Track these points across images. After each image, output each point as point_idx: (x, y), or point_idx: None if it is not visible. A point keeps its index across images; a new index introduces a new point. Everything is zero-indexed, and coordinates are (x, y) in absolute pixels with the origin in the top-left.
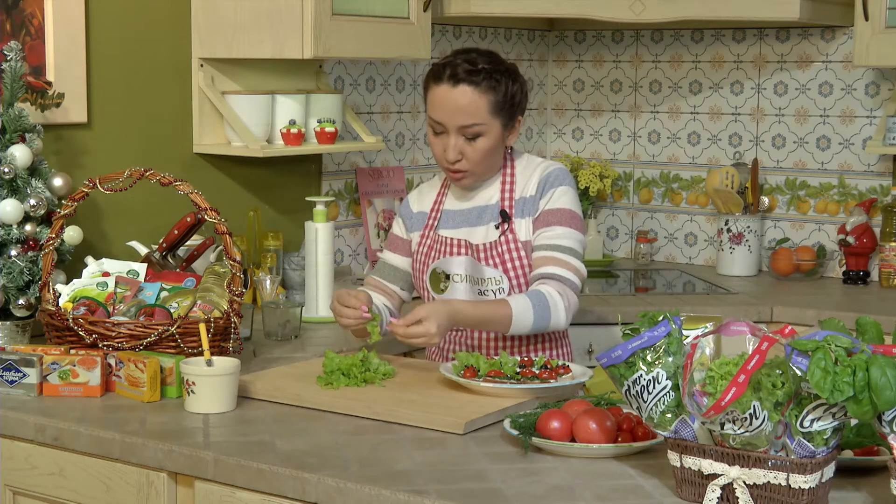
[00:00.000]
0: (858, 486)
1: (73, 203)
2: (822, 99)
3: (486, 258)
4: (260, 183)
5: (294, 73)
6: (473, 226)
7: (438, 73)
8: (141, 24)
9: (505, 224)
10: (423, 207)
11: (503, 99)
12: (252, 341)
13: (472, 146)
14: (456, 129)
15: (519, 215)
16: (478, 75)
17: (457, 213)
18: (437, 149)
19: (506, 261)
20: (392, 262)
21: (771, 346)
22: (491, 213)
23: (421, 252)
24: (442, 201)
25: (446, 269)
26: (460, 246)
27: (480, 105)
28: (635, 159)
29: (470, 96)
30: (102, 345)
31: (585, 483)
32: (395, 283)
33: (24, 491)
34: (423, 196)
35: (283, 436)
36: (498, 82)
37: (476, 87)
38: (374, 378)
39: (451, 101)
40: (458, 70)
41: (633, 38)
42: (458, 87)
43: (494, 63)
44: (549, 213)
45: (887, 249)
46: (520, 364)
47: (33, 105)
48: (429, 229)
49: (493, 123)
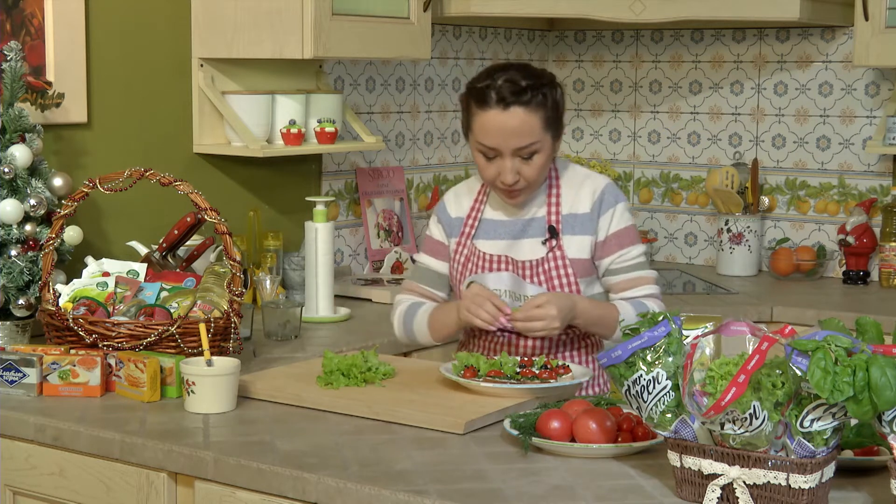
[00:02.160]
0: (858, 486)
1: (73, 203)
2: (822, 99)
3: (532, 275)
4: (260, 183)
5: (294, 73)
6: (517, 239)
7: (483, 98)
8: (141, 24)
9: (553, 240)
10: (461, 212)
11: (553, 112)
12: (252, 341)
13: (529, 165)
14: (511, 151)
15: (569, 232)
16: (525, 94)
17: (498, 224)
18: (490, 172)
19: (552, 278)
20: (434, 267)
21: (771, 346)
22: (537, 226)
23: (458, 262)
24: (481, 209)
25: (484, 283)
26: (500, 262)
27: (534, 124)
28: (635, 159)
29: (522, 117)
30: (102, 345)
31: (585, 483)
32: (440, 289)
33: (24, 491)
34: (460, 201)
35: (283, 436)
36: (545, 96)
37: (526, 106)
38: (374, 378)
39: (503, 125)
40: (504, 92)
41: (633, 38)
42: (509, 109)
43: (534, 77)
44: (619, 236)
45: (887, 249)
46: (520, 364)
47: (33, 105)
48: (465, 238)
49: (545, 138)
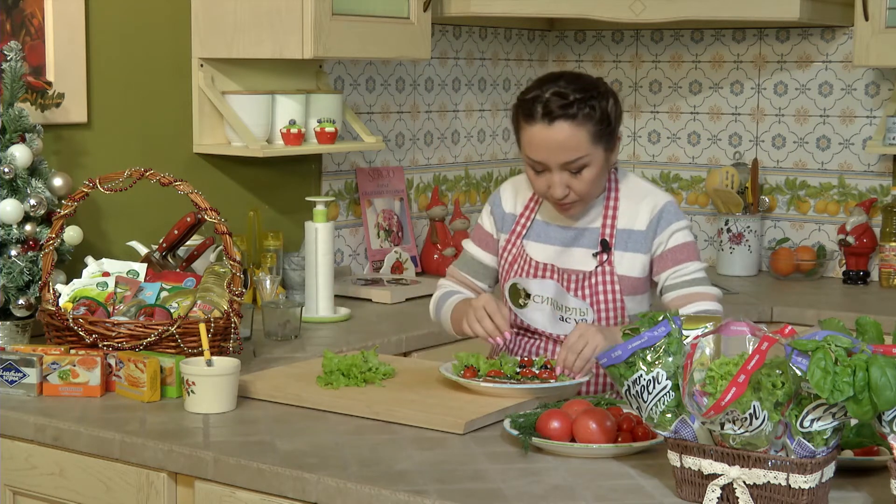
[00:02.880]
0: (858, 486)
1: (73, 203)
2: (822, 99)
3: (577, 287)
4: (260, 183)
5: (294, 73)
6: (568, 246)
7: (530, 111)
8: (141, 24)
9: (604, 255)
10: (515, 209)
11: (601, 125)
12: (252, 341)
13: (579, 179)
14: (559, 166)
15: (621, 247)
16: (572, 107)
17: (551, 229)
18: (541, 185)
19: (598, 293)
20: (480, 258)
21: (771, 346)
22: (590, 237)
23: (505, 259)
24: (536, 210)
25: (528, 287)
26: (546, 270)
27: (581, 138)
28: (635, 159)
29: (568, 131)
30: (102, 345)
31: (585, 483)
32: (483, 280)
33: (24, 491)
34: (518, 196)
35: (283, 436)
36: (593, 109)
37: (573, 120)
38: (374, 378)
39: (549, 139)
40: (552, 106)
41: (633, 38)
42: (555, 124)
43: (584, 88)
44: (676, 252)
45: (887, 249)
46: (520, 364)
47: (33, 105)
48: (516, 236)
49: (595, 152)
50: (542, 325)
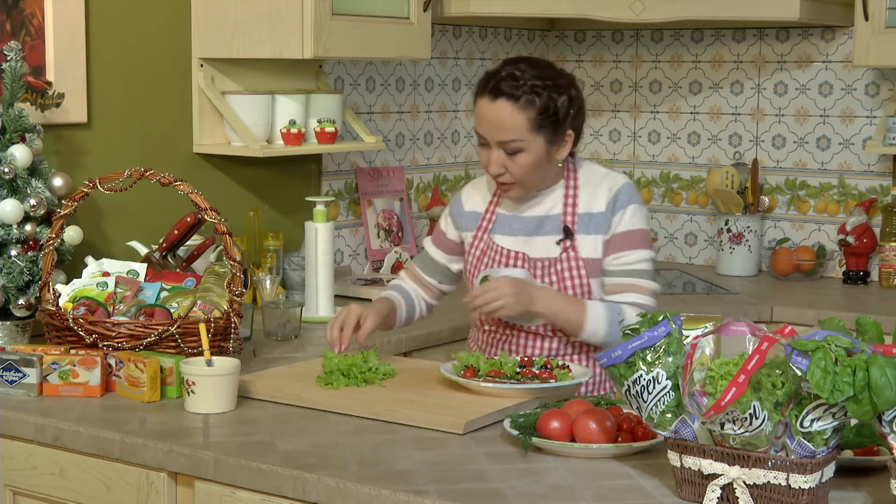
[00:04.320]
0: (858, 486)
1: (73, 203)
2: (822, 99)
3: (544, 274)
4: (260, 183)
5: (294, 73)
6: (532, 235)
7: (482, 84)
8: (141, 24)
9: (567, 241)
10: (477, 207)
11: (544, 115)
12: (252, 341)
13: (514, 161)
14: (496, 143)
15: (583, 231)
16: (518, 89)
17: (514, 220)
18: (483, 160)
19: (564, 278)
20: (433, 255)
21: (771, 346)
22: (552, 224)
23: (473, 255)
24: (498, 203)
25: (499, 276)
26: (517, 258)
27: (519, 121)
28: (635, 159)
29: (508, 112)
30: (102, 345)
31: (585, 483)
32: (432, 276)
33: (24, 491)
34: (477, 194)
35: (283, 436)
36: (539, 97)
37: (514, 102)
38: (374, 378)
39: (490, 115)
40: (500, 83)
41: (633, 38)
42: (497, 101)
43: (541, 75)
44: (623, 237)
45: (887, 249)
46: (520, 364)
47: (33, 105)
48: (482, 232)
49: (533, 140)
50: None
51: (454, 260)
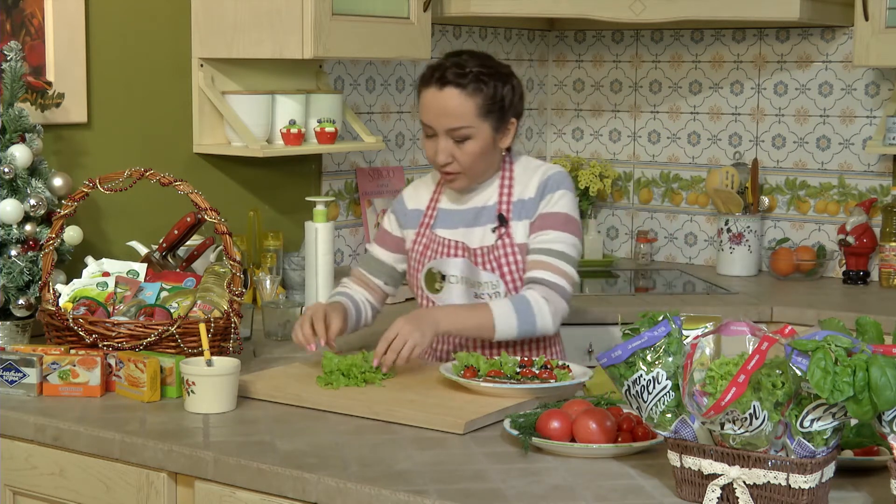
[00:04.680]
0: (858, 486)
1: (73, 203)
2: (822, 99)
3: (483, 262)
4: (260, 183)
5: (294, 73)
6: (470, 227)
7: (427, 76)
8: (141, 24)
9: (502, 228)
10: (419, 205)
11: (491, 101)
12: (252, 341)
13: (461, 149)
14: (444, 131)
15: (517, 217)
16: (465, 78)
17: (454, 213)
18: (429, 151)
19: (502, 265)
20: (378, 255)
21: (771, 346)
22: (488, 214)
23: (416, 251)
24: (438, 199)
25: (442, 269)
26: (457, 248)
27: (467, 108)
28: (635, 159)
29: (457, 99)
30: (102, 345)
31: (585, 483)
32: (378, 277)
33: (24, 491)
34: (418, 193)
35: (283, 436)
36: (485, 84)
37: (462, 89)
38: (374, 378)
39: (438, 103)
40: (446, 73)
41: (633, 38)
42: (445, 89)
43: (484, 65)
44: (546, 217)
45: (887, 249)
46: (520, 364)
47: (33, 105)
48: (424, 227)
49: (481, 126)
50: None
51: (400, 259)
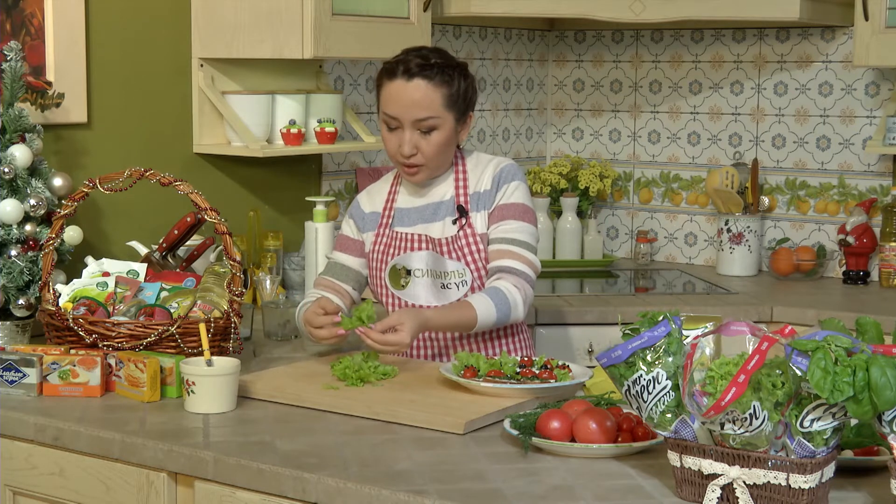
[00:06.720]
0: (858, 486)
1: (73, 203)
2: (822, 99)
3: (448, 252)
4: (260, 183)
5: (294, 73)
6: (429, 222)
7: (392, 70)
8: (141, 24)
9: (462, 219)
10: (375, 207)
11: (456, 93)
12: (252, 341)
13: (427, 140)
14: (411, 123)
15: (475, 209)
16: (431, 69)
17: (411, 211)
18: (392, 144)
19: (466, 254)
20: (343, 261)
21: (771, 346)
22: (446, 209)
23: (378, 251)
24: (394, 199)
25: (407, 264)
26: (420, 241)
27: (434, 98)
28: (635, 159)
29: (424, 90)
30: (102, 345)
31: (585, 483)
32: (346, 282)
33: (24, 491)
34: (373, 196)
35: (283, 436)
36: (451, 77)
37: (430, 80)
38: (373, 378)
39: (405, 95)
40: (412, 65)
41: (633, 38)
42: (413, 81)
43: (446, 59)
44: (503, 208)
45: (887, 249)
46: (520, 364)
47: (33, 105)
48: (384, 227)
49: (446, 117)
50: (425, 301)
51: (364, 264)
